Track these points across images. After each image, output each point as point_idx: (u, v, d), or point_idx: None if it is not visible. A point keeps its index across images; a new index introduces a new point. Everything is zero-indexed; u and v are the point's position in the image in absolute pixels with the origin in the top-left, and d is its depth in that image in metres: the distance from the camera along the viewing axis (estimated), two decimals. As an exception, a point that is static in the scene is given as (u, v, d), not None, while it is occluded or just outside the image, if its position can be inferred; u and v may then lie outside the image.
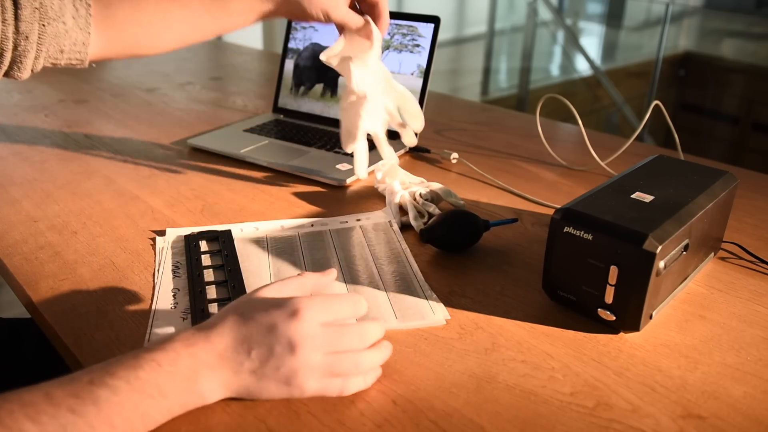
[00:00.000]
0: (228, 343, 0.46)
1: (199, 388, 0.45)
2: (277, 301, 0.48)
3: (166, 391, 0.43)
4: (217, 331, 0.46)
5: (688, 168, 0.70)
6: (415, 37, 1.04)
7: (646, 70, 3.04)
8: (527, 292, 0.65)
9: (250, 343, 0.46)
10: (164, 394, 0.43)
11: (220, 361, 0.46)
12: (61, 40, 0.64)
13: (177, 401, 0.45)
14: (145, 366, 0.43)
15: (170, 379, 0.43)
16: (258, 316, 0.47)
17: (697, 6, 3.55)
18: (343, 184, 0.90)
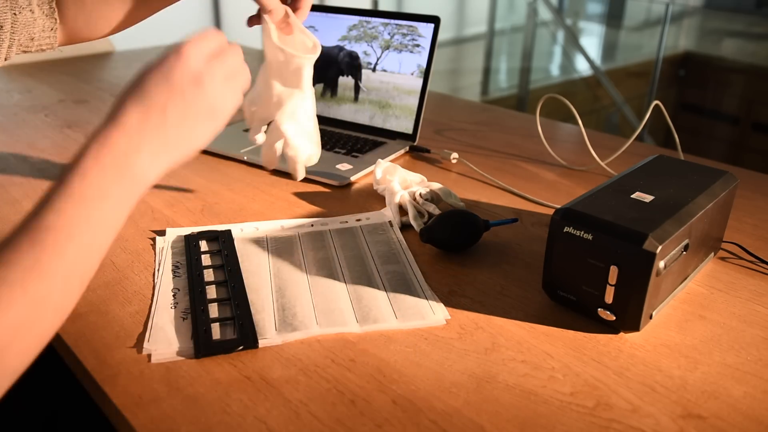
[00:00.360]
0: (138, 118, 0.44)
1: (135, 172, 0.44)
2: (156, 59, 0.48)
3: (107, 193, 0.42)
4: (120, 120, 0.44)
5: (688, 168, 0.70)
6: (415, 37, 1.04)
7: (646, 70, 3.04)
8: (527, 292, 0.65)
9: (159, 104, 0.45)
10: (106, 196, 0.42)
11: (140, 138, 0.44)
12: (30, 28, 0.66)
13: (121, 196, 0.43)
14: (75, 189, 0.41)
15: (103, 182, 0.42)
16: (149, 78, 0.46)
17: (697, 6, 3.55)
18: (343, 184, 0.90)
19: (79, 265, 0.42)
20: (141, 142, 0.45)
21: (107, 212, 0.43)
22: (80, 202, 0.42)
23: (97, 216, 0.42)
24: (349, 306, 0.62)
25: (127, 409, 0.49)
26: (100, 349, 0.55)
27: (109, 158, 0.43)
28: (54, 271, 0.40)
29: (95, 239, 0.42)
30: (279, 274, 0.68)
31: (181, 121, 0.47)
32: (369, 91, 1.08)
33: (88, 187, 0.42)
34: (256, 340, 0.56)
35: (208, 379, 0.52)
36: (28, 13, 0.65)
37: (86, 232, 0.41)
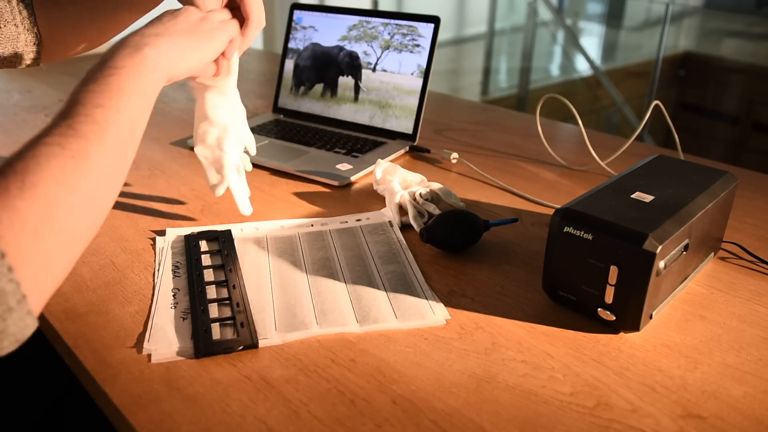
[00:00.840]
0: (158, 33, 0.57)
1: (146, 60, 0.53)
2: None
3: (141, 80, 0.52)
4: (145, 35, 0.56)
5: (688, 168, 0.70)
6: (415, 37, 1.04)
7: (646, 70, 3.04)
8: (527, 292, 0.65)
9: (174, 27, 0.59)
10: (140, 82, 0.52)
11: (161, 46, 0.56)
12: (15, 42, 0.65)
13: (150, 85, 0.54)
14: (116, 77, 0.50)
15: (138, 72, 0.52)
16: (165, 15, 0.61)
17: (697, 6, 3.55)
18: (343, 184, 0.90)
19: (125, 136, 0.49)
20: (162, 49, 0.56)
21: (141, 95, 0.52)
22: (125, 83, 0.50)
23: (138, 90, 0.52)
24: (349, 306, 0.62)
25: (127, 409, 0.49)
26: (100, 349, 0.55)
27: (139, 58, 0.53)
28: (109, 137, 0.47)
29: (135, 114, 0.51)
30: (279, 274, 0.68)
31: (190, 37, 0.59)
32: (369, 91, 1.08)
33: (125, 76, 0.51)
34: (256, 340, 0.56)
35: (208, 379, 0.52)
36: (12, 27, 0.65)
37: (129, 107, 0.50)
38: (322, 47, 1.13)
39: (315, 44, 1.13)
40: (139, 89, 0.52)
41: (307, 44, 1.14)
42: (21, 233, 0.39)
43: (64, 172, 0.43)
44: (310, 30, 1.14)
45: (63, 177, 0.43)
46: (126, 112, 0.49)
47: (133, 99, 0.50)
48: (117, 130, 0.48)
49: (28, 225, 0.40)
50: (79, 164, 0.44)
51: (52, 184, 0.42)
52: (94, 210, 0.46)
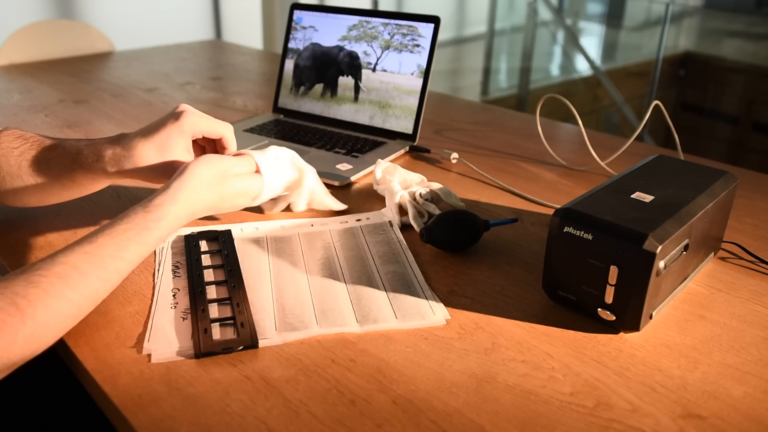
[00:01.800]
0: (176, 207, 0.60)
1: (165, 227, 0.58)
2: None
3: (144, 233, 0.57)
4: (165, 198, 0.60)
5: (688, 168, 0.70)
6: (415, 37, 1.04)
7: (646, 70, 3.04)
8: (527, 292, 0.65)
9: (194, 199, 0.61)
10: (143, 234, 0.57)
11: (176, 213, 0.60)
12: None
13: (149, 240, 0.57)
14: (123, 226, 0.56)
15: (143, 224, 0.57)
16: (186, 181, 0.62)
17: (697, 6, 3.55)
18: (343, 184, 0.90)
19: (126, 272, 0.56)
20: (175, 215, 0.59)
21: (141, 245, 0.57)
22: (147, 247, 0.57)
23: (152, 247, 0.58)
24: (349, 306, 0.62)
25: (127, 409, 0.49)
26: (100, 349, 0.55)
27: (152, 216, 0.57)
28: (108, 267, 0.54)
29: (140, 259, 0.57)
30: (279, 274, 0.68)
31: (212, 209, 0.64)
32: (369, 91, 1.08)
33: (149, 241, 0.57)
34: (256, 340, 0.56)
35: (208, 379, 0.52)
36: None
37: (140, 257, 0.57)
38: (322, 47, 1.13)
39: (315, 44, 1.13)
40: (148, 253, 0.58)
41: (307, 44, 1.14)
42: (7, 351, 0.47)
43: (61, 314, 0.51)
44: (310, 30, 1.14)
45: (58, 318, 0.51)
46: (129, 270, 0.57)
47: (139, 261, 0.57)
48: (115, 283, 0.56)
49: (15, 345, 0.48)
50: (73, 307, 0.52)
51: (49, 323, 0.50)
52: (63, 332, 0.53)
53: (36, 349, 0.50)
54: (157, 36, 2.38)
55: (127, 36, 2.20)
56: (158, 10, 2.50)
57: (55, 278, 0.50)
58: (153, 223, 0.57)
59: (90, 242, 0.54)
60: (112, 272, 0.54)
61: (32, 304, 0.48)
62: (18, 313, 0.47)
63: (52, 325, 0.50)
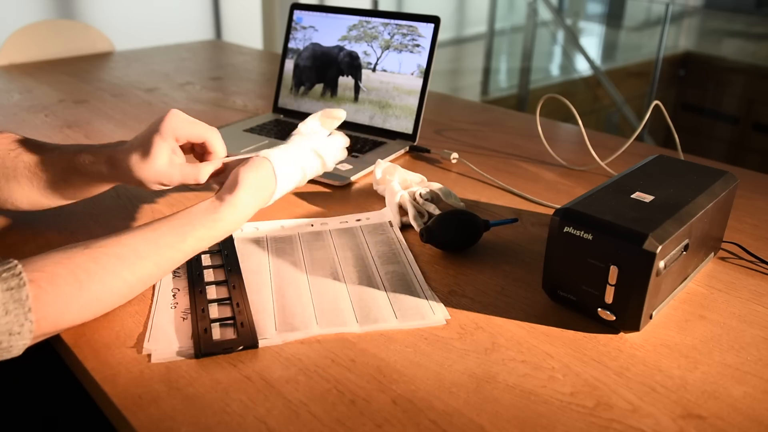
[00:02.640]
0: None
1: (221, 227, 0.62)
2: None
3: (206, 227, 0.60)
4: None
5: (688, 168, 0.70)
6: (415, 37, 1.04)
7: (646, 70, 3.04)
8: (527, 292, 0.65)
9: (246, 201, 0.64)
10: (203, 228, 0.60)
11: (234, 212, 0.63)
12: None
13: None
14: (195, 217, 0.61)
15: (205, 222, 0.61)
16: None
17: (697, 6, 3.55)
18: (343, 184, 0.90)
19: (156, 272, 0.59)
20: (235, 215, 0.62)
21: (198, 240, 0.60)
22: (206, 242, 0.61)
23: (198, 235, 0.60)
24: (349, 306, 0.62)
25: (127, 409, 0.49)
26: (100, 349, 0.55)
27: (212, 216, 0.61)
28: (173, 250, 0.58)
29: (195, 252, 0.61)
30: (279, 274, 0.68)
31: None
32: (369, 91, 1.08)
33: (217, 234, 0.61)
34: (256, 340, 0.56)
35: (208, 379, 0.52)
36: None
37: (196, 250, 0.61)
38: (322, 47, 1.13)
39: (315, 44, 1.13)
40: (207, 244, 0.61)
41: (307, 44, 1.14)
42: (58, 317, 0.51)
43: (115, 291, 0.55)
44: (310, 30, 1.14)
45: (111, 294, 0.55)
46: (183, 261, 0.60)
47: (199, 248, 0.60)
48: (167, 271, 0.59)
49: (67, 312, 0.52)
50: (127, 287, 0.56)
51: (101, 297, 0.54)
52: (112, 308, 0.57)
53: (85, 318, 0.55)
54: (157, 36, 2.38)
55: (127, 36, 2.20)
56: (158, 10, 2.50)
57: (116, 258, 0.54)
58: (212, 223, 0.60)
59: (153, 230, 0.57)
60: (167, 260, 0.58)
61: (91, 278, 0.53)
62: (77, 284, 0.52)
63: (105, 300, 0.55)
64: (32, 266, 0.50)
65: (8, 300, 0.47)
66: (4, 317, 0.47)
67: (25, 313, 0.48)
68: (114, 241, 0.55)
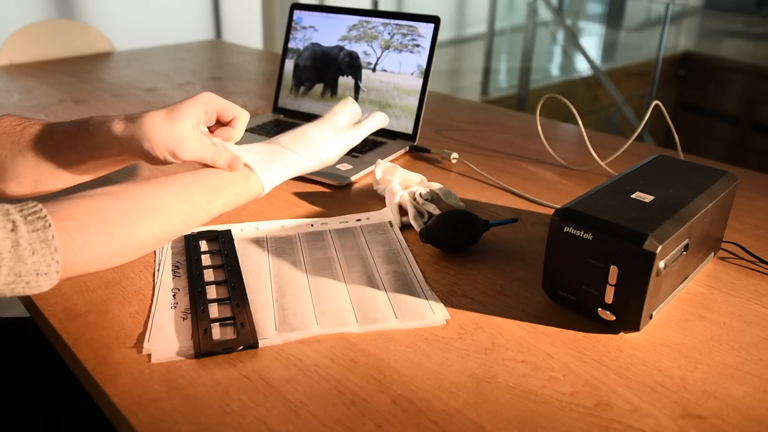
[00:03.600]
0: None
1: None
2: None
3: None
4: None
5: (688, 168, 0.70)
6: (415, 37, 1.04)
7: (646, 70, 3.04)
8: (527, 292, 0.65)
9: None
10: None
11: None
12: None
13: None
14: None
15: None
16: None
17: (697, 6, 3.55)
18: (343, 184, 0.90)
19: (180, 227, 0.59)
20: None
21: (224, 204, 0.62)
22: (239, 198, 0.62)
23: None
24: (349, 306, 0.62)
25: (127, 409, 0.49)
26: (100, 349, 0.55)
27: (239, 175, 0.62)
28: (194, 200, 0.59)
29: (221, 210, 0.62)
30: (279, 274, 0.68)
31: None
32: (369, 91, 1.08)
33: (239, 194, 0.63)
34: (256, 340, 0.56)
35: (208, 379, 0.52)
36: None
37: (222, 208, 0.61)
38: (322, 47, 1.13)
39: (315, 44, 1.13)
40: (231, 206, 0.62)
41: (307, 44, 1.14)
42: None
43: (142, 243, 0.55)
44: (310, 30, 1.14)
45: (137, 245, 0.55)
46: (215, 215, 0.61)
47: (224, 209, 0.61)
48: (204, 220, 0.60)
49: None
50: (153, 239, 0.56)
51: (129, 243, 0.54)
52: (151, 246, 0.57)
53: (111, 265, 0.55)
54: (157, 36, 2.38)
55: (127, 36, 2.20)
56: (158, 10, 2.50)
57: (148, 213, 0.55)
58: (242, 190, 0.62)
59: (183, 186, 0.58)
60: (194, 219, 0.58)
61: (120, 230, 0.53)
62: (107, 234, 0.52)
63: (131, 250, 0.55)
64: (62, 213, 0.50)
65: (35, 240, 0.47)
66: (31, 257, 0.47)
67: (52, 253, 0.48)
68: (146, 194, 0.56)
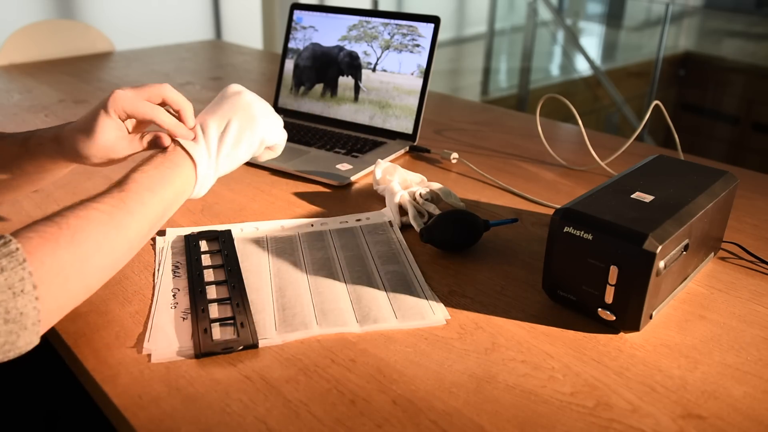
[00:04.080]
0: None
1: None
2: None
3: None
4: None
5: (688, 168, 0.70)
6: (415, 37, 1.04)
7: (646, 70, 3.04)
8: (527, 292, 0.65)
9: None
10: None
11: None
12: None
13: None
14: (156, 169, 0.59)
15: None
16: None
17: (697, 6, 3.55)
18: (343, 184, 0.90)
19: (158, 220, 0.58)
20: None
21: (181, 193, 0.61)
22: (177, 180, 0.60)
23: (182, 190, 0.60)
24: (349, 306, 0.62)
25: (127, 409, 0.49)
26: (100, 349, 0.55)
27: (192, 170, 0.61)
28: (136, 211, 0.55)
29: (172, 205, 0.60)
30: (279, 274, 0.68)
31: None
32: (369, 91, 1.08)
33: (178, 175, 0.60)
34: (256, 340, 0.56)
35: (208, 379, 0.52)
36: None
37: (170, 198, 0.59)
38: (322, 47, 1.13)
39: (315, 44, 1.13)
40: (183, 190, 0.61)
41: (307, 44, 1.14)
42: (55, 279, 0.48)
43: (106, 238, 0.52)
44: (310, 30, 1.14)
45: (104, 242, 0.52)
46: (167, 202, 0.58)
47: (175, 193, 0.59)
48: (155, 213, 0.57)
49: (62, 273, 0.49)
50: (119, 234, 0.53)
51: (94, 246, 0.51)
52: (114, 269, 0.55)
53: (83, 259, 0.51)
54: (157, 36, 2.38)
55: (127, 36, 2.20)
56: (158, 10, 2.50)
57: (102, 215, 0.53)
58: (173, 160, 0.60)
59: (127, 182, 0.57)
60: (152, 213, 0.57)
61: (67, 220, 0.51)
62: (55, 225, 0.50)
63: (89, 234, 0.52)
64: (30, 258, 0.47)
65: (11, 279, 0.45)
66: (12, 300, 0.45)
67: (33, 300, 0.46)
68: (99, 239, 0.53)
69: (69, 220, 0.51)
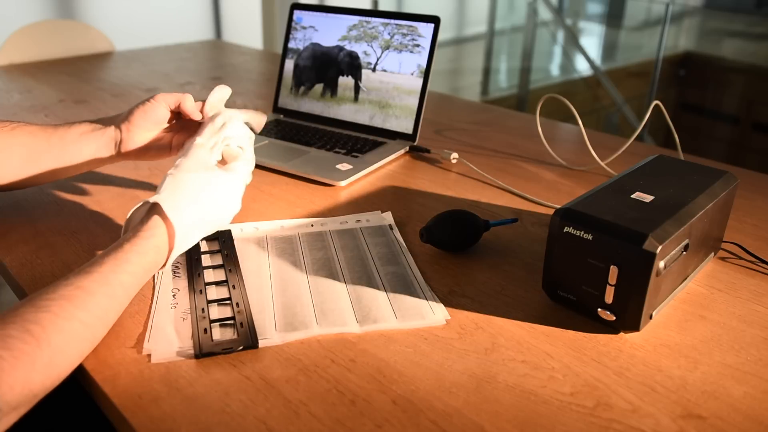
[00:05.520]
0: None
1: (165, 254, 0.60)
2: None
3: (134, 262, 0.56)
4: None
5: (688, 168, 0.70)
6: (415, 37, 1.04)
7: (646, 70, 3.04)
8: (527, 292, 0.65)
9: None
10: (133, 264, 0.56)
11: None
12: None
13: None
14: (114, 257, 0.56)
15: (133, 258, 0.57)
16: None
17: (697, 6, 3.56)
18: (343, 184, 0.90)
19: (123, 304, 0.56)
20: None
21: (148, 276, 0.59)
22: (147, 266, 0.57)
23: (149, 272, 0.58)
24: (349, 306, 0.62)
25: (127, 409, 0.49)
26: (100, 349, 0.55)
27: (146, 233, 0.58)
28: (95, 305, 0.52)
29: (136, 289, 0.58)
30: (279, 274, 0.68)
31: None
32: (369, 91, 1.08)
33: (148, 263, 0.58)
34: (256, 340, 0.56)
35: (208, 379, 0.52)
36: None
37: (138, 284, 0.57)
38: (322, 47, 1.13)
39: (315, 44, 1.13)
40: (150, 272, 0.59)
41: (307, 44, 1.14)
42: (25, 398, 0.45)
43: (85, 351, 0.52)
44: (310, 30, 1.14)
45: (82, 355, 0.52)
46: (135, 288, 0.57)
47: (143, 279, 0.58)
48: (123, 301, 0.56)
49: (32, 392, 0.46)
50: (86, 329, 0.51)
51: (70, 363, 0.50)
52: (80, 358, 0.52)
53: (55, 377, 0.48)
54: (157, 36, 2.38)
55: (127, 36, 2.20)
56: (158, 10, 2.50)
57: (64, 300, 0.50)
58: (148, 232, 0.58)
59: (91, 264, 0.54)
60: (117, 287, 0.54)
61: (45, 329, 0.47)
62: (33, 340, 0.46)
63: (68, 349, 0.49)
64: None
65: None
66: None
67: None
68: (55, 286, 0.51)
69: (50, 334, 0.47)
